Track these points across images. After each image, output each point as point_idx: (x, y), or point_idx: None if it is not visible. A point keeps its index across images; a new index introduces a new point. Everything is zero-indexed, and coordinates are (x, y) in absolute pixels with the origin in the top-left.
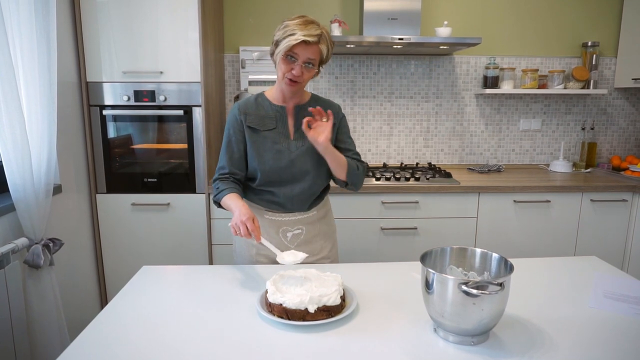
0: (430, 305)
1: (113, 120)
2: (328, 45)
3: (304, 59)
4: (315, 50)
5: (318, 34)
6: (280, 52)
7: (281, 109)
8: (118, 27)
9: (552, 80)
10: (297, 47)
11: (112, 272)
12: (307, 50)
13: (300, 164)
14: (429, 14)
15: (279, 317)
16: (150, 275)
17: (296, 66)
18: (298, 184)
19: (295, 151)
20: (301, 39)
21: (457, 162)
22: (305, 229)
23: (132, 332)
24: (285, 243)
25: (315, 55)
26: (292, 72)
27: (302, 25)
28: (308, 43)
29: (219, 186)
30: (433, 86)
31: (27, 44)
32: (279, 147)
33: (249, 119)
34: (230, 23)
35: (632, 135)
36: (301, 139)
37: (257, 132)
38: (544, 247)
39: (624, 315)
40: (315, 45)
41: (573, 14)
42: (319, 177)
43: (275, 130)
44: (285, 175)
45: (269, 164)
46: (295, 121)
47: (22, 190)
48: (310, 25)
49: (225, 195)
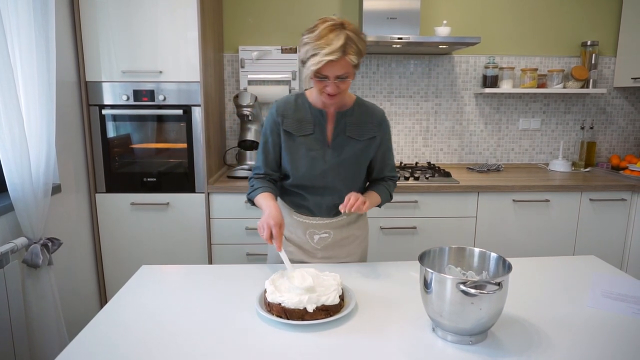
0: (429, 305)
1: (112, 120)
2: (357, 47)
3: (333, 76)
4: (344, 65)
5: (342, 45)
6: (307, 76)
7: (321, 114)
8: (117, 27)
9: (551, 80)
10: (323, 68)
11: (111, 272)
12: (334, 68)
13: (333, 175)
14: (428, 13)
15: (277, 316)
16: (149, 274)
17: (329, 84)
18: (329, 195)
19: (330, 161)
20: (324, 60)
21: (457, 162)
22: (333, 232)
23: (131, 332)
24: (312, 244)
25: (344, 70)
26: (327, 89)
27: (322, 41)
28: (332, 62)
29: (254, 184)
30: (432, 85)
31: (26, 43)
32: (314, 155)
33: (286, 122)
34: (229, 22)
35: (631, 135)
36: (338, 148)
37: (292, 136)
38: (543, 247)
39: (622, 314)
40: (341, 59)
41: (572, 13)
42: (351, 188)
43: (312, 136)
44: (317, 183)
45: (301, 171)
46: (336, 127)
47: (20, 190)
48: (330, 35)
49: (258, 194)
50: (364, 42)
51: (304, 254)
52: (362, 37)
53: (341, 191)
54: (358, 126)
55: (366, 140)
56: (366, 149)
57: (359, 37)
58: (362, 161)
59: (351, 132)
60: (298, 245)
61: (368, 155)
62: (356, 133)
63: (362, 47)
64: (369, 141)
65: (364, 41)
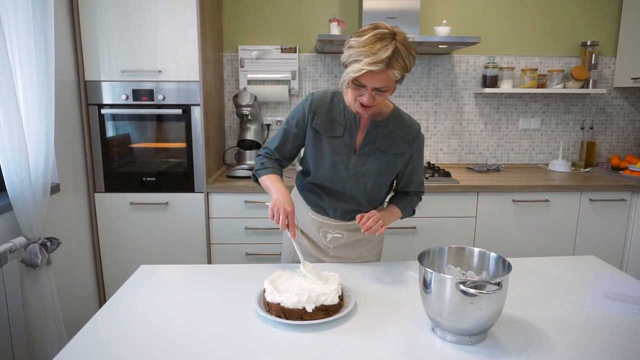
0: (428, 305)
1: (111, 119)
2: (404, 62)
3: (371, 88)
4: (385, 78)
5: (387, 57)
6: (345, 81)
7: (354, 118)
8: (116, 26)
9: (551, 80)
10: (363, 77)
11: (110, 271)
12: (374, 79)
13: (352, 185)
14: (428, 13)
15: (276, 316)
16: (148, 274)
17: (365, 93)
18: (346, 202)
19: (353, 169)
20: (365, 69)
21: (456, 162)
22: (347, 234)
23: (130, 331)
24: (324, 242)
25: (385, 83)
26: (362, 99)
27: (369, 48)
28: (374, 73)
29: (264, 162)
30: (432, 85)
31: (25, 43)
32: (337, 159)
33: (317, 120)
34: (229, 22)
35: (631, 135)
36: (364, 157)
37: (320, 135)
38: (542, 247)
39: (622, 314)
40: (384, 72)
41: (572, 13)
42: (370, 199)
43: (340, 139)
44: (335, 188)
45: (322, 172)
46: (366, 136)
47: (19, 189)
48: (378, 44)
49: (267, 174)
50: (414, 57)
51: (317, 250)
52: (412, 52)
53: (359, 200)
54: (389, 139)
55: (394, 155)
56: (392, 163)
57: (409, 52)
58: (386, 175)
59: (381, 144)
60: (311, 240)
61: (393, 171)
62: (386, 146)
63: (409, 62)
64: (397, 156)
65: (414, 56)
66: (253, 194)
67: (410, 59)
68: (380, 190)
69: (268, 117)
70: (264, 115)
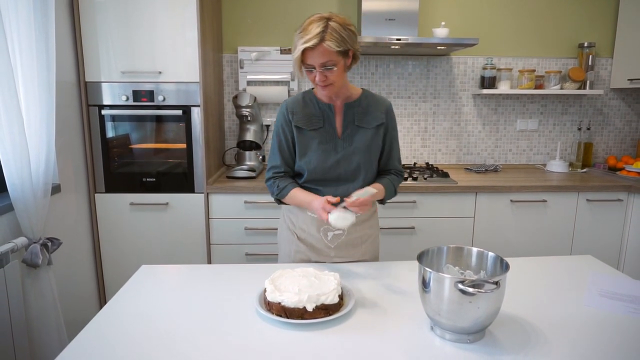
0: (427, 304)
1: (112, 120)
2: (339, 35)
3: (317, 65)
4: (323, 52)
5: (319, 32)
6: (295, 68)
7: (328, 107)
8: (116, 27)
9: (548, 81)
10: (305, 57)
11: (111, 272)
12: (315, 56)
13: (346, 165)
14: (427, 14)
15: (277, 315)
16: (149, 274)
17: (316, 73)
18: (343, 184)
19: (342, 152)
20: (301, 48)
21: (455, 162)
22: (347, 230)
23: (132, 331)
24: (325, 242)
25: (326, 57)
26: (316, 80)
27: (302, 33)
28: (311, 49)
29: (279, 184)
30: (430, 86)
31: (26, 44)
32: (325, 147)
33: (296, 118)
34: (228, 23)
35: (627, 136)
36: (349, 139)
37: (303, 131)
38: (540, 247)
39: (618, 313)
40: (319, 46)
41: (569, 15)
42: (362, 180)
43: (322, 130)
44: (330, 175)
45: (313, 164)
46: (344, 118)
47: (20, 190)
48: (310, 26)
49: (291, 190)
50: (352, 32)
51: (317, 254)
52: (350, 28)
53: (356, 181)
54: (366, 115)
55: (375, 127)
56: (376, 136)
57: (343, 27)
58: (373, 149)
59: (360, 121)
60: (310, 245)
61: (378, 143)
62: (365, 122)
63: (346, 35)
64: (377, 128)
65: (352, 31)
66: (252, 194)
67: (348, 32)
68: (371, 167)
69: (267, 118)
70: (264, 116)
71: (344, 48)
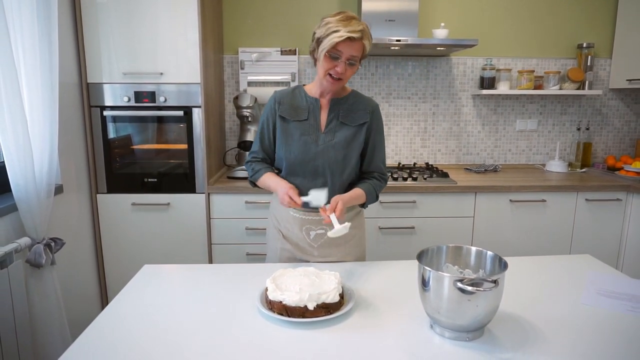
0: (427, 302)
1: (113, 121)
2: (369, 41)
3: (347, 56)
4: (359, 47)
5: (361, 30)
6: (324, 50)
7: (315, 102)
8: (118, 29)
9: (547, 81)
10: (342, 44)
11: (112, 272)
12: (351, 47)
13: (323, 158)
14: (426, 15)
15: (279, 314)
16: (152, 274)
17: (340, 63)
18: (320, 178)
19: (322, 145)
20: (346, 35)
21: (454, 162)
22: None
23: (135, 330)
24: (308, 241)
25: (358, 52)
26: (336, 69)
27: (345, 22)
28: (353, 39)
29: (254, 167)
30: (430, 87)
31: (29, 46)
32: (307, 139)
33: (282, 108)
34: (229, 24)
35: (626, 136)
36: (331, 133)
37: (287, 121)
38: (539, 246)
39: (615, 311)
40: (359, 41)
41: (568, 16)
42: (340, 176)
43: (307, 122)
44: (308, 168)
45: (294, 154)
46: (330, 114)
47: (24, 191)
48: (352, 21)
49: (262, 175)
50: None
51: (301, 252)
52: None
53: (333, 174)
54: (351, 112)
55: (358, 125)
56: (357, 134)
57: (370, 35)
58: (353, 146)
59: (344, 118)
60: (295, 243)
61: (359, 141)
62: (349, 119)
63: (371, 43)
64: (360, 127)
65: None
66: (253, 194)
67: (371, 41)
68: (349, 164)
69: None
70: None
71: (368, 52)
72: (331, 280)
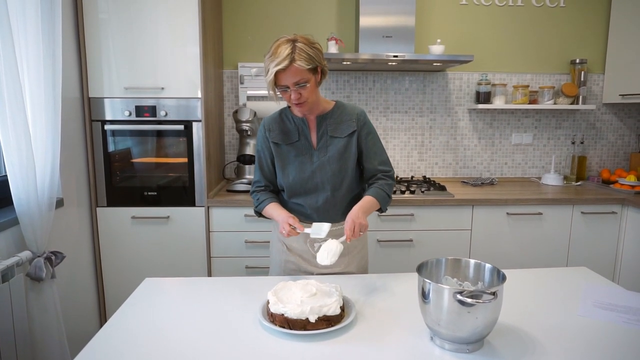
0: (427, 314)
1: (114, 135)
2: (307, 54)
3: (290, 84)
4: (294, 71)
5: (288, 54)
6: (270, 91)
7: (302, 122)
8: (120, 44)
9: (542, 96)
10: (278, 79)
11: (112, 285)
12: (287, 76)
13: (321, 174)
14: (423, 31)
15: (280, 326)
16: (153, 287)
17: (291, 92)
18: (321, 193)
19: (317, 161)
20: (273, 71)
21: (451, 176)
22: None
23: (137, 344)
24: (312, 253)
25: (298, 76)
26: (291, 98)
27: (272, 57)
28: (283, 70)
29: (259, 197)
30: (427, 101)
31: (34, 61)
32: (302, 159)
33: (273, 135)
34: (229, 39)
35: (620, 149)
36: (324, 149)
37: (280, 146)
38: (536, 258)
39: (611, 323)
40: (290, 67)
41: (561, 32)
42: (340, 188)
43: (298, 143)
44: (308, 186)
45: (292, 176)
46: (318, 130)
47: (26, 204)
48: (279, 49)
49: (267, 205)
50: (318, 49)
51: (305, 262)
52: (315, 46)
53: (334, 188)
54: (338, 125)
55: (347, 136)
56: (349, 144)
57: (309, 46)
58: (347, 156)
59: (333, 131)
60: (299, 255)
61: (352, 150)
62: (338, 131)
63: (313, 53)
64: (350, 136)
65: (318, 49)
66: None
67: (315, 50)
68: (346, 174)
69: None
70: None
71: (313, 65)
72: (332, 292)
